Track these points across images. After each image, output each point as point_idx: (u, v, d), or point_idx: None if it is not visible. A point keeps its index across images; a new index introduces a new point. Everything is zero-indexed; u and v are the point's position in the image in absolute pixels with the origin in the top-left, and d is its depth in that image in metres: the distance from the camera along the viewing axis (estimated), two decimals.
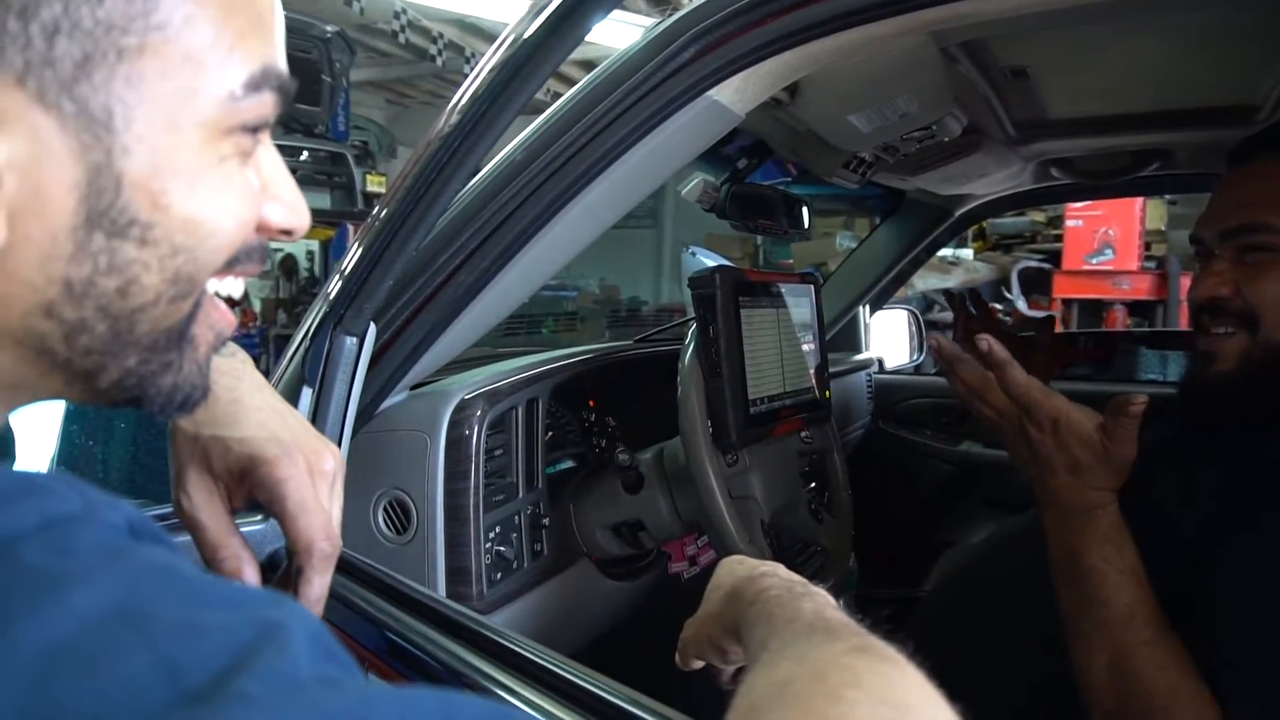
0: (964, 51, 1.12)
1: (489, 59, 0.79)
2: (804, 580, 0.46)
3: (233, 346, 0.58)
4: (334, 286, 0.81)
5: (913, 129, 1.28)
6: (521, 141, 0.86)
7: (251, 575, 0.52)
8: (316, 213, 6.09)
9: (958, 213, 1.98)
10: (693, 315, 1.06)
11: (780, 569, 0.49)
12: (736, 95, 0.85)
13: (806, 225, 1.71)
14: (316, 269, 8.40)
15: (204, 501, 0.52)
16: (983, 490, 1.98)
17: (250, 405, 0.54)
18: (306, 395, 0.77)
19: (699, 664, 0.56)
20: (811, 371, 1.22)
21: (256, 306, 8.66)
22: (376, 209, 0.80)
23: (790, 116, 1.15)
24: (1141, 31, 1.09)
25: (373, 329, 0.81)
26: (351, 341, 0.78)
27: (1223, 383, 0.85)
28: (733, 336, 1.00)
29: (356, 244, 0.80)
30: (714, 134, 0.90)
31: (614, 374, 1.30)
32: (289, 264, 9.15)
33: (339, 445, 0.78)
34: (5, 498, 0.27)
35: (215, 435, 0.52)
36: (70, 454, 0.76)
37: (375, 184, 6.27)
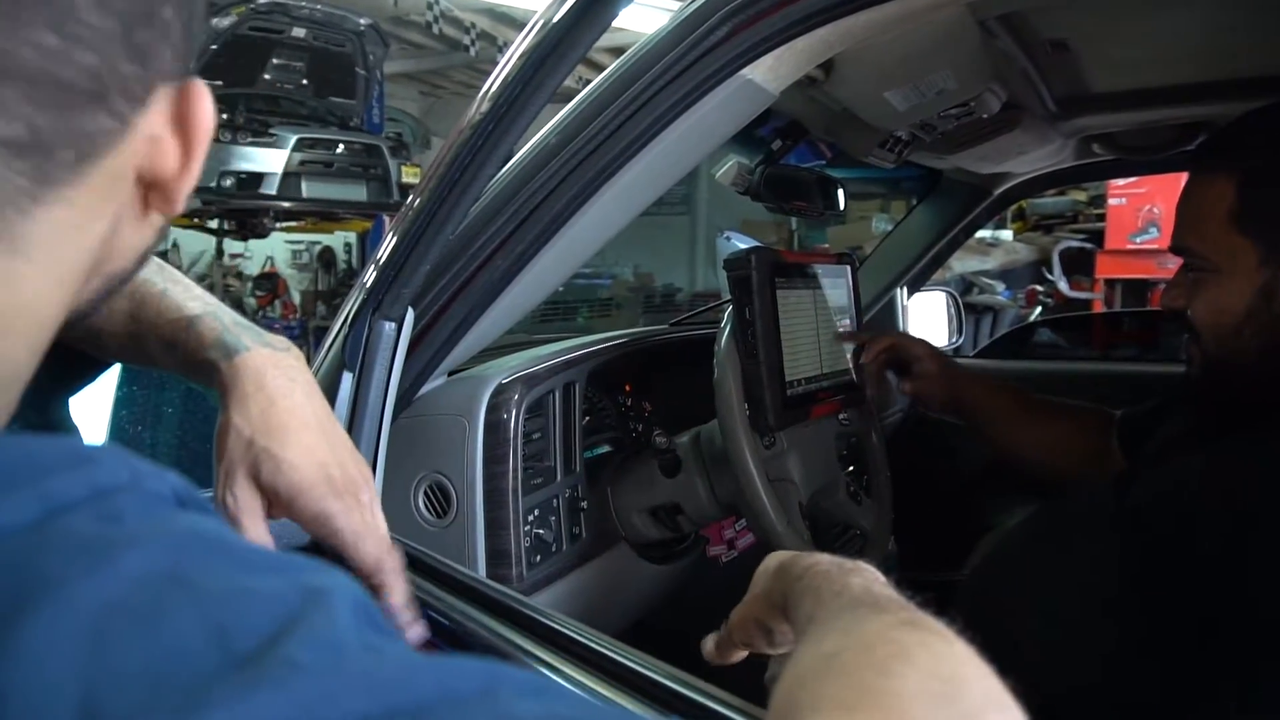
0: (1002, 25, 1.10)
1: (519, 45, 0.79)
2: (853, 560, 0.46)
3: (285, 341, 0.59)
4: (372, 273, 0.82)
5: (950, 106, 1.26)
6: (555, 126, 0.86)
7: None
8: (353, 204, 6.17)
9: (996, 191, 1.95)
10: (728, 298, 1.06)
11: (823, 554, 0.48)
12: (770, 74, 0.84)
13: (842, 207, 1.69)
14: (354, 261, 8.51)
15: (248, 506, 0.54)
16: (1023, 473, 1.95)
17: (302, 418, 0.55)
18: (347, 380, 0.78)
19: (741, 655, 0.55)
20: (849, 353, 1.21)
21: (296, 299, 8.80)
22: (412, 196, 0.80)
23: (825, 95, 1.14)
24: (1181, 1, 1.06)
25: (411, 314, 0.81)
26: (390, 327, 0.79)
27: (1191, 388, 0.91)
28: (769, 318, 1.00)
29: (393, 231, 0.81)
30: (748, 114, 0.89)
31: (650, 358, 1.30)
32: (327, 256, 9.28)
33: (379, 431, 0.79)
34: (56, 467, 0.27)
35: (268, 449, 0.54)
36: (119, 440, 0.77)
37: (410, 175, 6.31)
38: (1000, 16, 1.05)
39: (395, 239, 0.80)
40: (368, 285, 0.80)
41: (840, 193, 1.67)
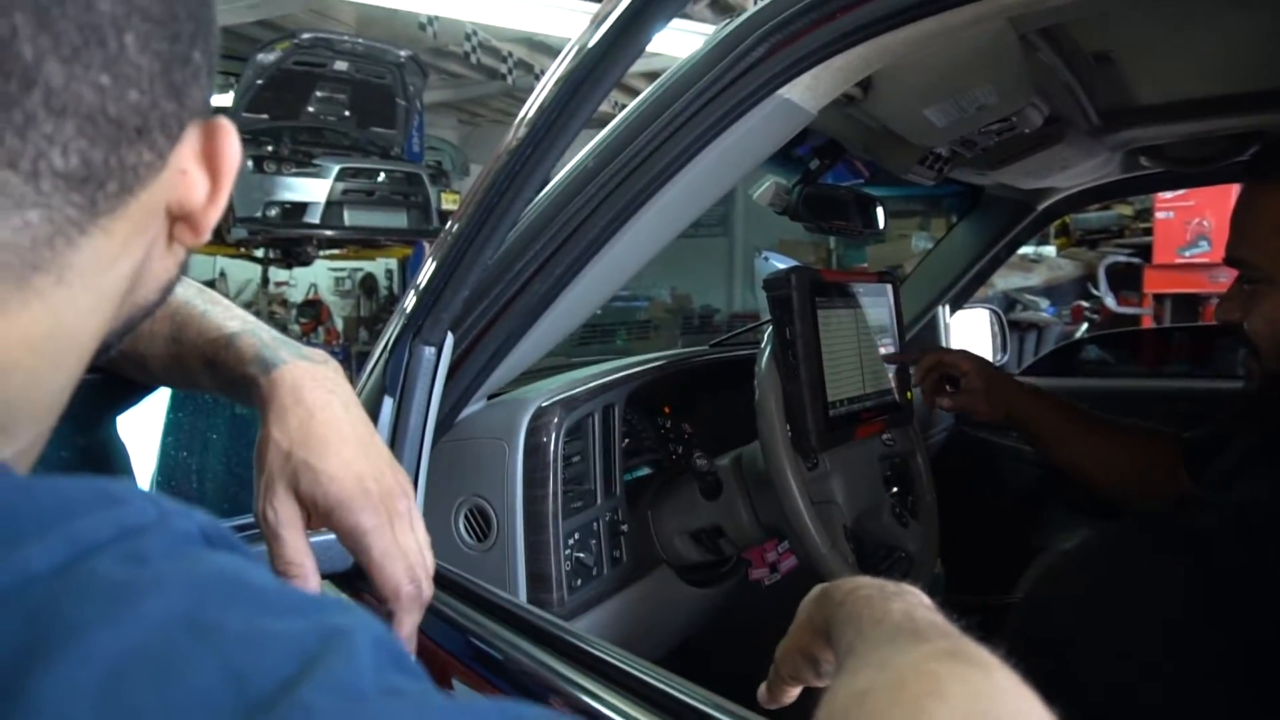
0: (1043, 38, 1.08)
1: (554, 72, 0.80)
2: (898, 583, 0.44)
3: (324, 355, 0.60)
4: (411, 298, 0.83)
5: (991, 121, 1.24)
6: (593, 148, 0.87)
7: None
8: (394, 231, 6.27)
9: (1040, 207, 1.91)
10: (768, 319, 1.05)
11: (868, 578, 0.47)
12: (808, 93, 0.83)
13: (881, 226, 1.68)
14: (395, 287, 8.63)
15: (289, 519, 0.54)
16: (1070, 494, 1.90)
17: (340, 431, 0.56)
18: (388, 405, 0.78)
19: (794, 694, 0.53)
20: (892, 373, 1.20)
21: (339, 325, 8.95)
22: (450, 221, 0.81)
23: (863, 113, 1.13)
24: (1232, 6, 1.04)
25: (450, 339, 0.82)
26: (430, 351, 0.80)
27: (1251, 403, 0.89)
28: (810, 338, 0.98)
29: (434, 254, 0.82)
30: (786, 133, 0.89)
31: (689, 380, 1.30)
32: (369, 283, 9.43)
33: (419, 454, 0.79)
34: (83, 508, 0.27)
35: (306, 461, 0.54)
36: (166, 466, 0.79)
37: (450, 202, 6.40)
38: (1041, 30, 1.04)
39: (434, 264, 0.80)
40: (408, 310, 0.81)
41: (880, 211, 1.65)
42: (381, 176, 5.97)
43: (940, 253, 2.12)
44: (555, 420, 0.92)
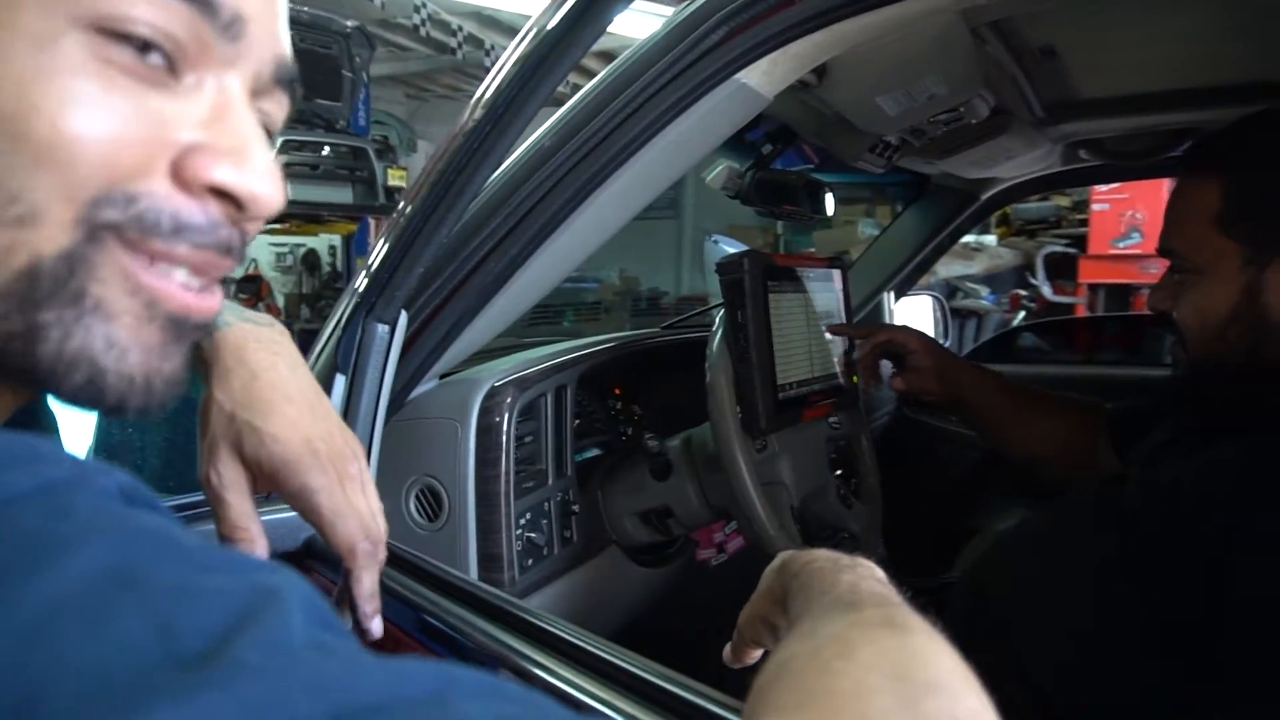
0: (993, 31, 1.10)
1: (513, 52, 0.79)
2: (854, 556, 0.45)
3: (268, 317, 0.59)
4: (364, 276, 0.82)
5: (940, 111, 1.27)
6: (550, 128, 0.86)
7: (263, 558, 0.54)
8: (339, 207, 6.13)
9: (984, 196, 1.96)
10: (719, 302, 1.06)
11: (830, 552, 0.48)
12: (765, 78, 0.84)
13: (831, 212, 1.70)
14: (339, 263, 8.46)
15: (233, 481, 0.53)
16: (1008, 476, 1.96)
17: (285, 391, 0.54)
18: (340, 383, 0.77)
19: (755, 655, 0.55)
20: (838, 357, 1.22)
21: (280, 302, 8.75)
22: (406, 197, 0.80)
23: (817, 100, 1.14)
24: (1171, 6, 1.07)
25: (404, 316, 0.81)
26: (384, 329, 0.79)
27: (1178, 389, 0.92)
28: (761, 322, 1.00)
29: (387, 232, 0.81)
30: (742, 117, 0.89)
31: (640, 362, 1.30)
32: (311, 259, 9.23)
33: (372, 432, 0.79)
34: (4, 463, 0.26)
35: (250, 422, 0.53)
36: (107, 440, 0.77)
37: (397, 178, 6.29)
38: (991, 23, 1.06)
39: (390, 241, 0.79)
40: (361, 288, 0.80)
41: (829, 197, 1.67)
42: (326, 150, 5.83)
43: (886, 240, 2.15)
44: (508, 400, 0.92)
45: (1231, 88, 1.36)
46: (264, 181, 0.35)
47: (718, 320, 1.03)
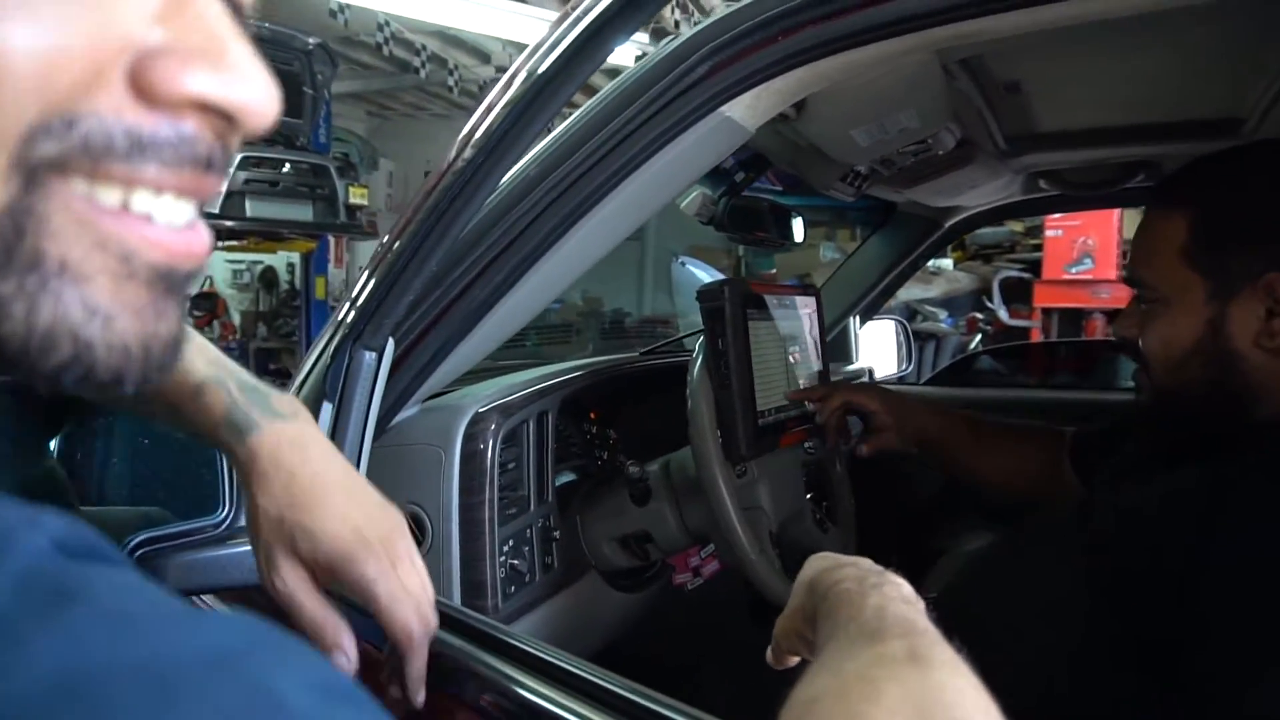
0: (962, 68, 1.14)
1: (504, 90, 0.79)
2: (883, 571, 0.46)
3: (293, 404, 0.59)
4: (353, 301, 0.82)
5: (910, 143, 1.30)
6: (535, 157, 0.87)
7: (351, 647, 0.55)
8: (299, 225, 6.06)
9: (948, 224, 2.01)
10: (697, 330, 1.07)
11: (864, 561, 0.48)
12: (748, 111, 0.86)
13: (800, 238, 1.73)
14: (297, 281, 8.36)
15: (298, 584, 0.54)
16: (974, 499, 2.00)
17: (326, 484, 0.55)
18: (326, 410, 0.77)
19: (793, 660, 0.56)
20: (815, 383, 1.24)
21: (236, 320, 8.61)
22: (397, 224, 0.80)
23: (793, 132, 1.16)
24: (1132, 46, 1.11)
25: (391, 344, 0.81)
26: (371, 357, 0.79)
27: (1141, 415, 0.95)
28: (741, 349, 1.01)
29: (374, 261, 0.81)
30: (725, 149, 0.91)
31: (615, 387, 1.31)
32: (269, 276, 9.11)
33: (359, 460, 0.78)
34: None
35: (300, 523, 0.54)
36: (98, 474, 0.75)
37: (358, 196, 6.24)
38: (961, 60, 1.09)
39: (379, 270, 0.79)
40: (349, 316, 0.80)
41: (798, 223, 1.71)
42: (286, 167, 5.77)
43: (852, 265, 2.19)
44: (492, 427, 0.92)
45: (1185, 124, 1.42)
46: (253, 84, 0.29)
47: (697, 347, 1.04)
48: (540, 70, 0.75)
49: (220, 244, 6.37)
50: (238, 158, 5.67)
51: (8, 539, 0.21)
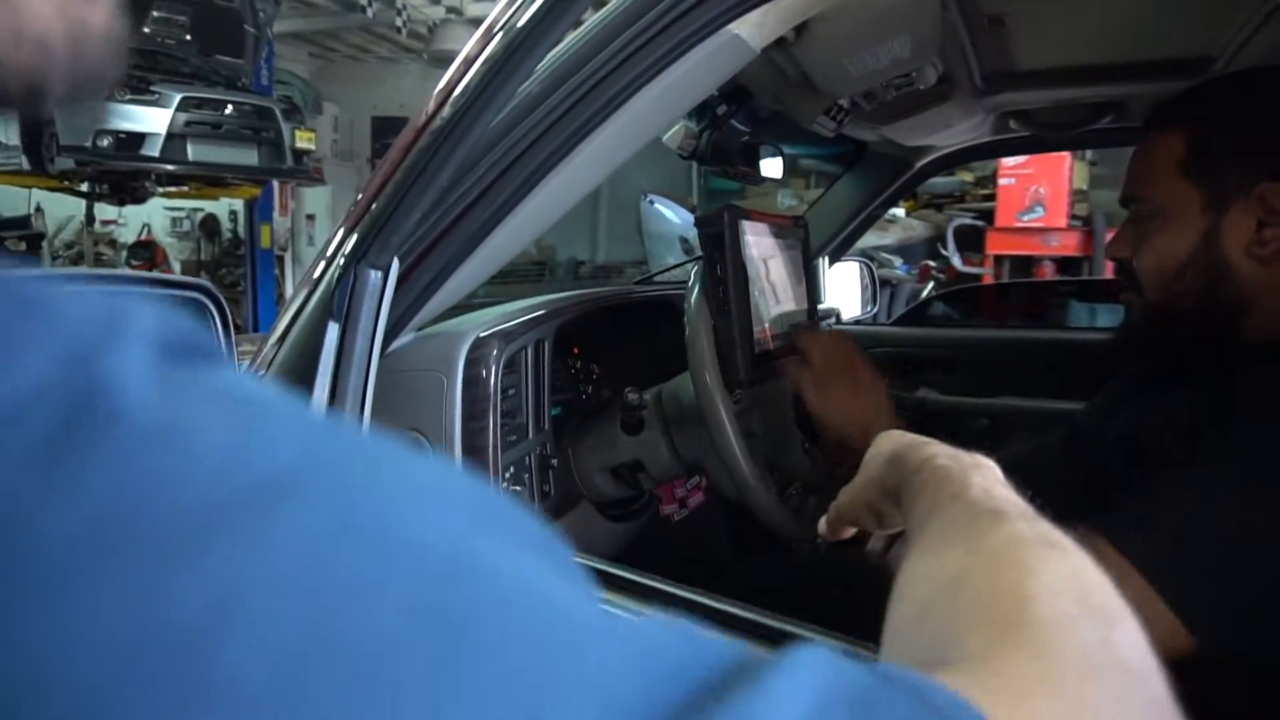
0: None
1: None
2: (972, 453, 0.44)
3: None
4: (351, 225, 0.79)
5: (896, 75, 1.30)
6: (539, 74, 0.85)
7: None
8: (244, 169, 5.87)
9: (918, 164, 2.02)
10: (685, 260, 1.06)
11: (940, 444, 0.47)
12: (755, 30, 0.84)
13: (779, 175, 1.73)
14: (240, 229, 8.13)
15: None
16: (939, 434, 2.04)
17: None
18: (333, 330, 0.75)
19: (849, 532, 0.56)
20: (804, 313, 1.24)
21: (176, 269, 8.35)
22: (401, 139, 0.78)
23: (786, 59, 1.15)
24: None
25: (396, 263, 0.79)
26: (376, 275, 0.77)
27: (1128, 335, 0.96)
28: (740, 276, 1.01)
29: (380, 178, 0.78)
30: (730, 70, 0.89)
31: (600, 320, 1.30)
32: (210, 225, 8.84)
33: (365, 379, 0.77)
34: None
35: None
36: None
37: (304, 140, 6.05)
38: None
39: (386, 186, 0.77)
40: (353, 235, 0.78)
41: (778, 160, 1.70)
42: (229, 109, 5.57)
43: (823, 206, 2.20)
44: (494, 352, 0.91)
45: (1157, 63, 1.45)
46: None
47: (693, 275, 1.04)
48: None
49: (160, 190, 6.14)
50: (178, 98, 5.45)
51: (113, 329, 0.17)
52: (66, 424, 0.14)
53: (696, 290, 1.01)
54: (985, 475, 0.41)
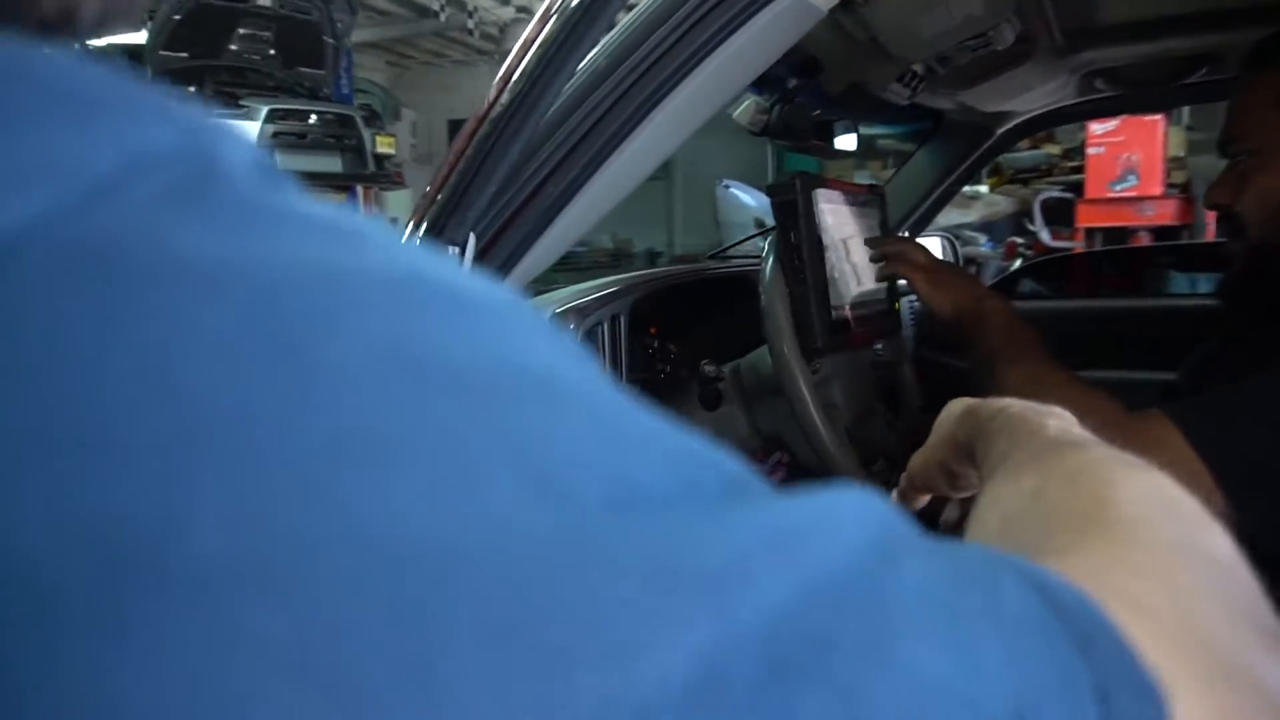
0: None
1: None
2: (1047, 405, 0.43)
3: None
4: (426, 208, 0.82)
5: (970, 35, 1.27)
6: (604, 48, 0.85)
7: None
8: (328, 176, 6.07)
9: (999, 131, 1.96)
10: (764, 229, 1.06)
11: (1019, 400, 0.45)
12: None
13: (853, 148, 1.70)
14: None
15: None
16: None
17: None
18: None
19: (923, 500, 0.54)
20: (882, 282, 1.22)
21: None
22: (467, 129, 0.79)
23: (856, 23, 1.14)
24: None
25: (473, 239, 0.81)
26: (454, 251, 0.79)
27: (1232, 284, 0.94)
28: (814, 242, 1.00)
29: (454, 155, 0.80)
30: (797, 33, 0.89)
31: (678, 298, 1.31)
32: None
33: None
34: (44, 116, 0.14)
35: None
36: None
37: (385, 145, 6.23)
38: None
39: (460, 163, 0.79)
40: (430, 211, 0.80)
41: (850, 136, 1.68)
42: (313, 119, 5.76)
43: (901, 180, 2.15)
44: (571, 327, 0.92)
45: (1249, 9, 1.37)
46: None
47: (767, 245, 1.03)
48: None
49: None
50: (264, 110, 5.67)
51: (218, 131, 0.17)
52: (197, 179, 0.15)
53: (771, 259, 1.01)
54: (1062, 420, 0.41)
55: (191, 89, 5.34)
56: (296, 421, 0.13)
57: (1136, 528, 0.26)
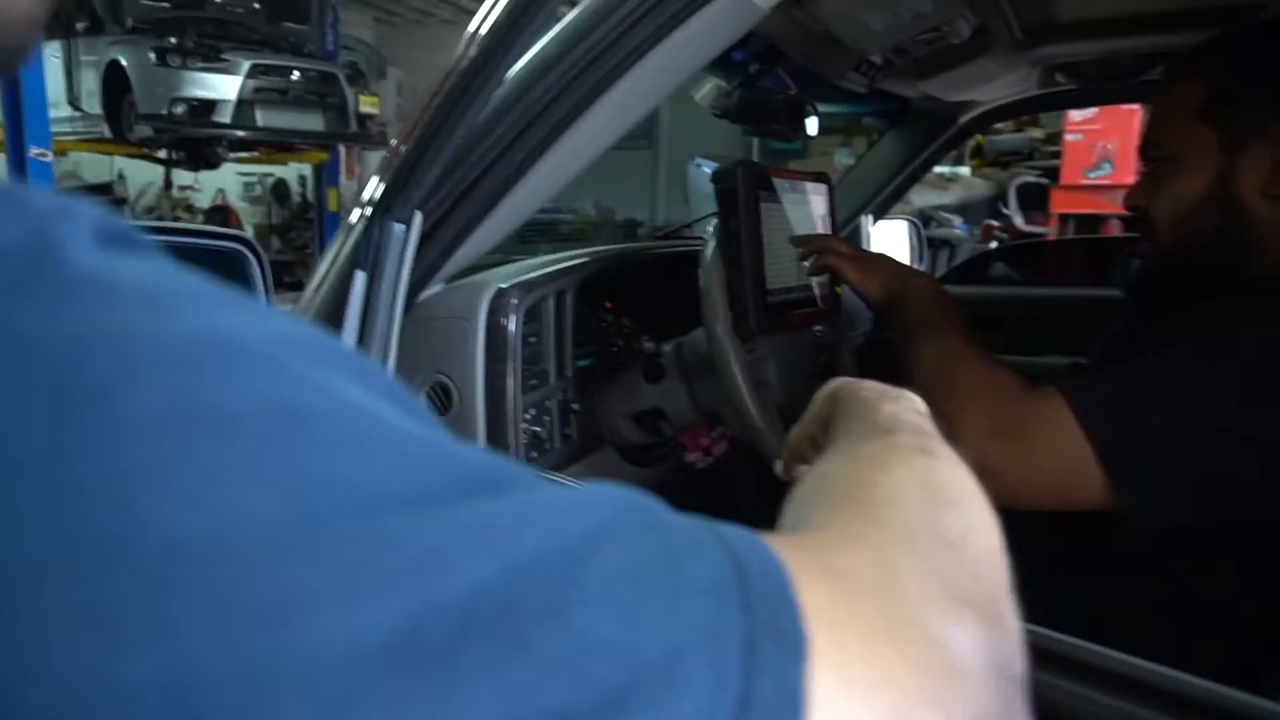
0: None
1: None
2: (903, 390, 0.47)
3: None
4: (384, 174, 0.85)
5: (923, 30, 1.30)
6: (554, 36, 0.89)
7: None
8: (310, 134, 6.04)
9: (962, 120, 2.00)
10: (711, 213, 1.10)
11: (879, 383, 0.49)
12: None
13: (814, 131, 1.74)
14: (309, 193, 8.35)
15: None
16: None
17: None
18: (359, 279, 0.81)
19: (802, 469, 0.58)
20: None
21: (249, 233, 8.62)
22: (427, 97, 0.83)
23: (807, 16, 1.17)
24: None
25: (419, 217, 0.85)
26: (400, 229, 0.83)
27: (1140, 283, 0.98)
28: (753, 229, 1.04)
29: (402, 135, 0.84)
30: (739, 29, 0.92)
31: (630, 275, 1.35)
32: (281, 189, 9.09)
33: (391, 326, 0.83)
34: None
35: None
36: None
37: (369, 105, 6.19)
38: None
39: (407, 142, 0.83)
40: (380, 188, 0.84)
41: (813, 119, 1.71)
42: (296, 75, 5.72)
43: (866, 163, 2.19)
44: (514, 301, 0.97)
45: (1204, 10, 1.41)
46: None
47: (711, 229, 1.08)
48: None
49: (232, 155, 6.36)
50: (247, 65, 5.62)
51: (66, 212, 0.21)
52: (32, 267, 0.19)
53: (712, 244, 1.05)
54: (900, 404, 0.44)
55: (174, 39, 5.28)
56: (87, 456, 0.17)
57: (884, 508, 0.31)
